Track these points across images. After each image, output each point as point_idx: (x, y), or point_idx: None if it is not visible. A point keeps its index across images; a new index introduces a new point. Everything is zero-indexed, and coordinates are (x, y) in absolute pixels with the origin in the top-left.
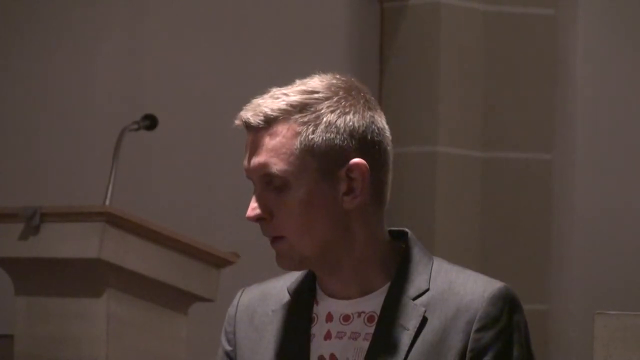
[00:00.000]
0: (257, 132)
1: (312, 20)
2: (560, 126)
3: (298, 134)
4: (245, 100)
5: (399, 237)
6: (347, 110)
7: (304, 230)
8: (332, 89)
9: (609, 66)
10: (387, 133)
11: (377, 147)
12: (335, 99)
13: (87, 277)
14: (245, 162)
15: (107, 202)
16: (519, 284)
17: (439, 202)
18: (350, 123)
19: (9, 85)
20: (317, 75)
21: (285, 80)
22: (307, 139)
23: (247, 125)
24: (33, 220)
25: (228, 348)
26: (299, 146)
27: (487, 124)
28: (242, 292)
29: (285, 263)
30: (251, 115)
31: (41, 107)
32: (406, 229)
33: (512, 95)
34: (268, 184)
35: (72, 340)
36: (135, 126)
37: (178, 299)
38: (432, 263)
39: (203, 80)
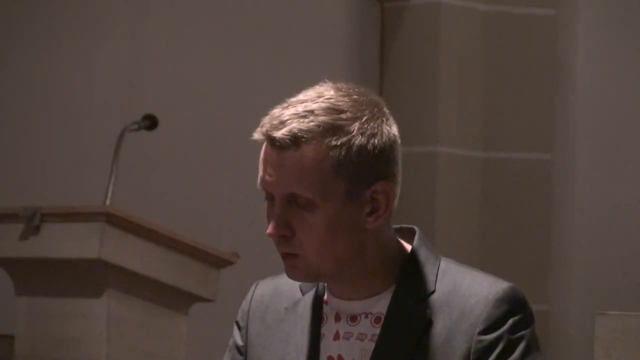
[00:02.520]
0: (283, 150)
1: (312, 20)
2: (560, 126)
3: (329, 157)
4: (245, 99)
5: (407, 234)
6: (375, 131)
7: (326, 250)
8: (358, 107)
9: (609, 66)
10: (399, 143)
11: (396, 163)
12: (363, 119)
13: (88, 277)
14: (267, 177)
15: (107, 203)
16: (519, 284)
17: (439, 202)
18: (379, 145)
19: (9, 85)
20: (330, 85)
21: (285, 80)
22: (337, 162)
23: (272, 142)
24: (33, 221)
25: (240, 343)
26: (329, 169)
27: (487, 124)
28: (256, 286)
29: (298, 277)
30: (277, 133)
31: (41, 107)
32: (414, 227)
33: (512, 96)
34: (291, 202)
35: (72, 340)
36: (135, 126)
37: (178, 299)
38: (439, 264)
39: (203, 80)
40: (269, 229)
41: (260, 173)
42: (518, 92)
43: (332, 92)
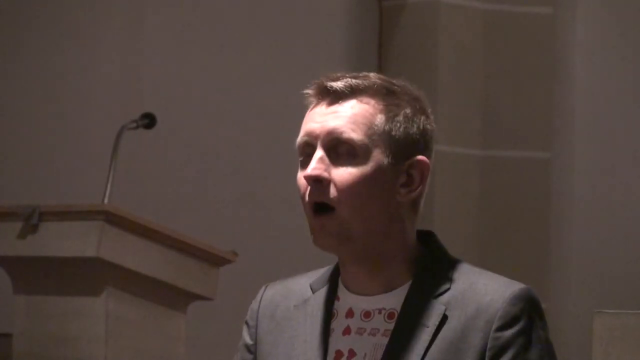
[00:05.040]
0: (337, 98)
1: (311, 18)
2: (559, 124)
3: (381, 111)
4: (244, 97)
5: (424, 235)
6: (422, 111)
7: (358, 204)
8: (407, 88)
9: (608, 64)
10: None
11: (432, 149)
12: (412, 96)
13: (86, 275)
14: (313, 125)
15: (106, 201)
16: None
17: (438, 201)
18: (423, 123)
19: (9, 84)
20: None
21: (286, 79)
22: (389, 119)
23: (327, 90)
24: (32, 219)
25: (249, 342)
26: (379, 124)
27: (486, 122)
28: (266, 288)
29: (326, 240)
30: (335, 83)
31: (40, 106)
32: (432, 231)
33: (511, 94)
34: (333, 150)
35: (71, 339)
36: (134, 125)
37: (177, 298)
38: (455, 264)
39: (202, 78)
40: (307, 170)
41: (304, 127)
42: (517, 90)
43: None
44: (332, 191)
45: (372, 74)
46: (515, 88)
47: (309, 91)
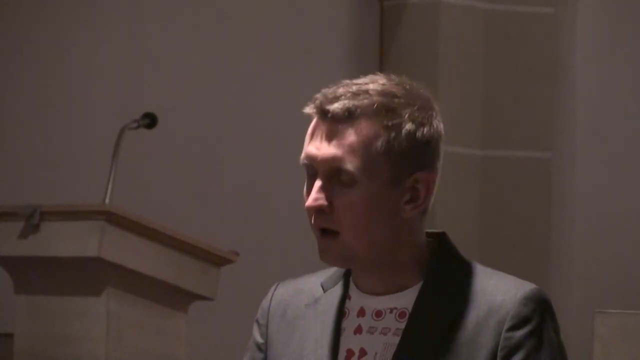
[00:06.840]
0: (335, 122)
1: (312, 18)
2: (560, 124)
3: (380, 136)
4: (245, 97)
5: (435, 237)
6: (425, 121)
7: (362, 230)
8: (410, 96)
9: (609, 64)
10: (443, 140)
11: (439, 158)
12: (415, 107)
13: (87, 275)
14: (313, 151)
15: (107, 201)
16: None
17: (438, 201)
18: (427, 135)
19: (9, 84)
20: (382, 75)
21: (286, 79)
22: (388, 143)
23: (325, 113)
24: (33, 219)
25: (260, 340)
26: (378, 149)
27: (486, 122)
28: (276, 286)
29: (332, 259)
30: (331, 106)
31: (41, 105)
32: (443, 231)
33: (512, 94)
34: (334, 177)
35: (72, 339)
36: (135, 124)
37: (178, 298)
38: (466, 264)
39: (202, 78)
40: (308, 201)
41: (306, 147)
42: (518, 91)
43: (384, 80)
44: (335, 218)
45: (371, 87)
46: (516, 88)
47: (308, 110)
